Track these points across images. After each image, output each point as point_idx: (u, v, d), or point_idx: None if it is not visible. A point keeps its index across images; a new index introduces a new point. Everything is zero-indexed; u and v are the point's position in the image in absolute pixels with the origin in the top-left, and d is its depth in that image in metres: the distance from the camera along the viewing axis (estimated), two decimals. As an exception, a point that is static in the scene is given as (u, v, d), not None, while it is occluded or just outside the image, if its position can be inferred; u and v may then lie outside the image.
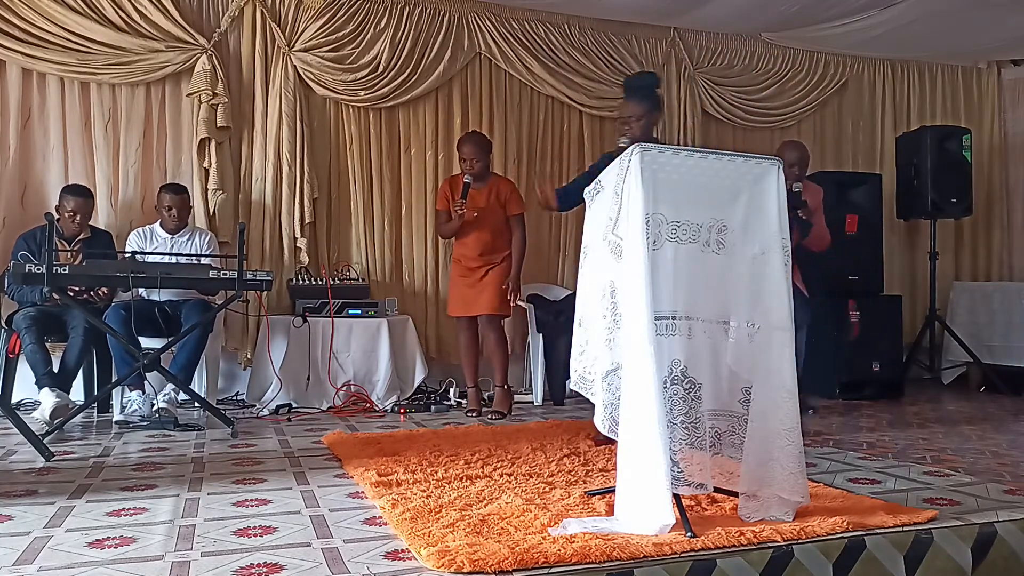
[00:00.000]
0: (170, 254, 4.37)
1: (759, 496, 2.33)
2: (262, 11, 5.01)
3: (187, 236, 4.55)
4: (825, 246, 4.38)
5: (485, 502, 2.49)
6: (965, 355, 5.78)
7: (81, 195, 4.34)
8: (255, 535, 2.20)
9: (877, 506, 2.47)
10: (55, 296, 3.75)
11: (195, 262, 4.36)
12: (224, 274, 3.98)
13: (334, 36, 5.14)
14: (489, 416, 4.47)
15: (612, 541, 2.04)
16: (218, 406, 4.35)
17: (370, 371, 4.69)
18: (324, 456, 3.34)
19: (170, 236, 4.51)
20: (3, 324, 4.17)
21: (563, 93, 5.64)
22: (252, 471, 3.03)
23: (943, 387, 5.93)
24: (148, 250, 4.44)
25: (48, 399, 3.83)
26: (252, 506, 2.51)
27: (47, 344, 4.07)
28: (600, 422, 2.34)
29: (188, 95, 4.86)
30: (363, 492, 2.69)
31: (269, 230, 5.01)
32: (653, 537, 2.09)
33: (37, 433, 3.29)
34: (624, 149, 3.81)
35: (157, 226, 4.55)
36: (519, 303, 4.74)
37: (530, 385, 5.24)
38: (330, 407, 4.61)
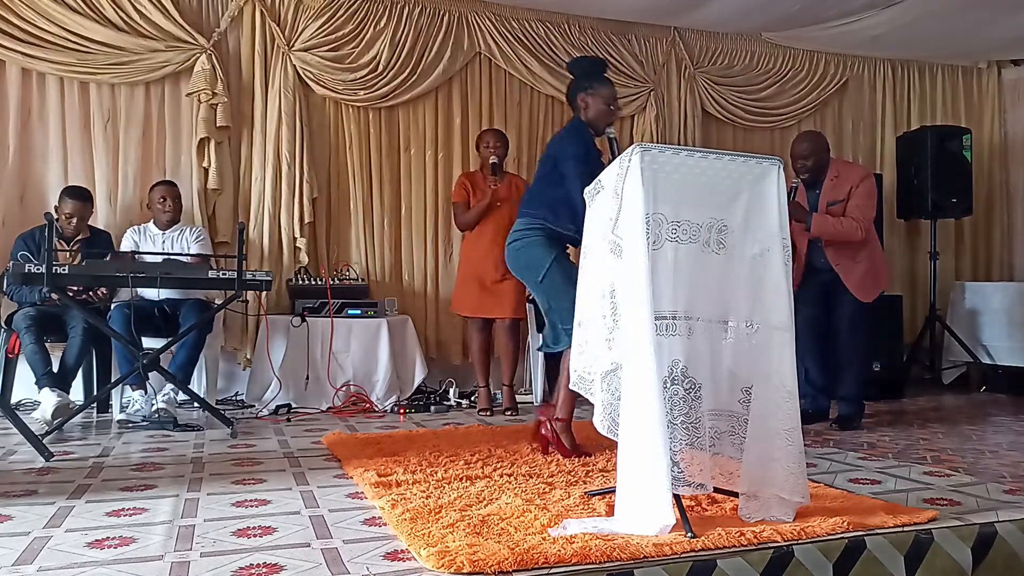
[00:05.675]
0: (164, 254, 4.37)
1: (759, 496, 2.33)
2: (262, 11, 5.01)
3: (178, 232, 4.58)
4: (846, 239, 3.96)
5: (485, 502, 2.48)
6: (965, 355, 5.78)
7: (79, 198, 4.34)
8: (255, 535, 2.20)
9: (877, 506, 2.46)
10: (54, 296, 3.75)
11: (189, 259, 4.38)
12: (223, 274, 3.99)
13: (334, 36, 5.14)
14: (506, 413, 4.56)
15: (612, 541, 2.03)
16: (218, 406, 4.35)
17: (370, 371, 4.69)
18: (324, 456, 3.34)
19: (162, 233, 4.54)
20: (3, 324, 4.17)
21: (563, 93, 5.60)
22: (252, 471, 3.03)
23: (943, 387, 5.93)
24: (143, 247, 4.47)
25: (49, 399, 3.83)
26: (252, 506, 2.51)
27: (47, 344, 4.07)
28: (599, 422, 2.33)
29: (188, 95, 4.86)
30: (363, 492, 2.68)
31: (268, 230, 5.00)
32: (653, 537, 2.08)
33: (37, 433, 3.29)
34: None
35: (151, 224, 4.58)
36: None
37: (530, 385, 5.24)
38: (330, 407, 4.61)
